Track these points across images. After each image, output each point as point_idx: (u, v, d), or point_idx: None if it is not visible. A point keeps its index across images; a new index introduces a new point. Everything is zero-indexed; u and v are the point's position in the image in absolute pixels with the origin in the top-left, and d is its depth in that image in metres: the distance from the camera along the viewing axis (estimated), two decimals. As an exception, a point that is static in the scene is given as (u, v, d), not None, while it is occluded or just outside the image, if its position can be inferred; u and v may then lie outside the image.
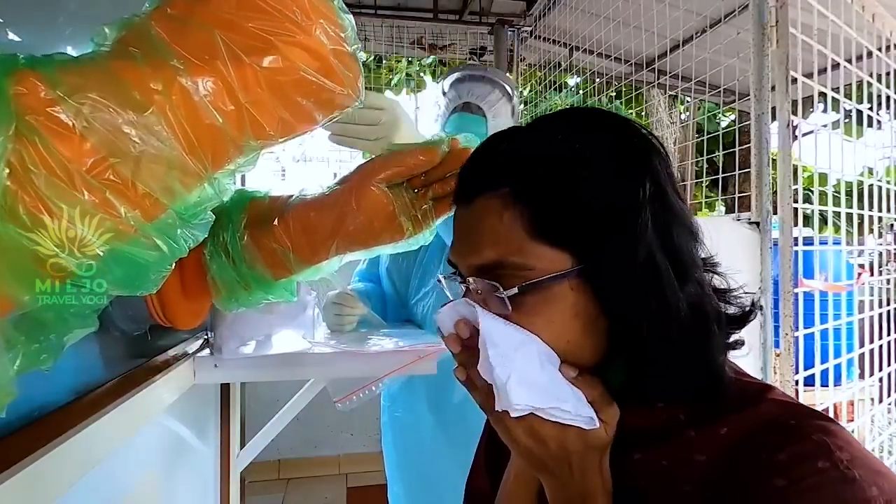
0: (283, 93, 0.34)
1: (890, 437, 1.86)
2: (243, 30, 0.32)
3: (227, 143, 0.32)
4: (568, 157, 0.43)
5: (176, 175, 0.30)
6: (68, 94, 0.27)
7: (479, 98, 1.29)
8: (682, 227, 0.44)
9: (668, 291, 0.42)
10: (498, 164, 0.45)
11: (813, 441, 0.38)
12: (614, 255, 0.42)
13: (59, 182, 0.27)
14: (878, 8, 1.58)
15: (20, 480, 0.46)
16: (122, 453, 0.74)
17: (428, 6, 2.67)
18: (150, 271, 0.32)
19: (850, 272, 1.93)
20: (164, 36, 0.30)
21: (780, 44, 1.19)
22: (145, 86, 0.29)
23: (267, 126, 0.33)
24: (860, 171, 1.64)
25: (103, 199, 0.28)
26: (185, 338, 0.97)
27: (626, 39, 2.06)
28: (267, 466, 2.72)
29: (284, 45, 0.33)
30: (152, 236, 0.31)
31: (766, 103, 1.20)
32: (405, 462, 1.36)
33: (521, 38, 2.70)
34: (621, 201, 0.42)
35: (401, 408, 1.35)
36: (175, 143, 0.30)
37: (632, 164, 0.43)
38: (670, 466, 0.44)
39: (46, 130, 0.27)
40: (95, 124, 0.28)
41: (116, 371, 0.71)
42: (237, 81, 0.31)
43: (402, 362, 1.03)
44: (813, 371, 1.34)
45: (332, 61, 0.37)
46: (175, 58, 0.30)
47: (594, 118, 0.47)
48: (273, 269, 0.62)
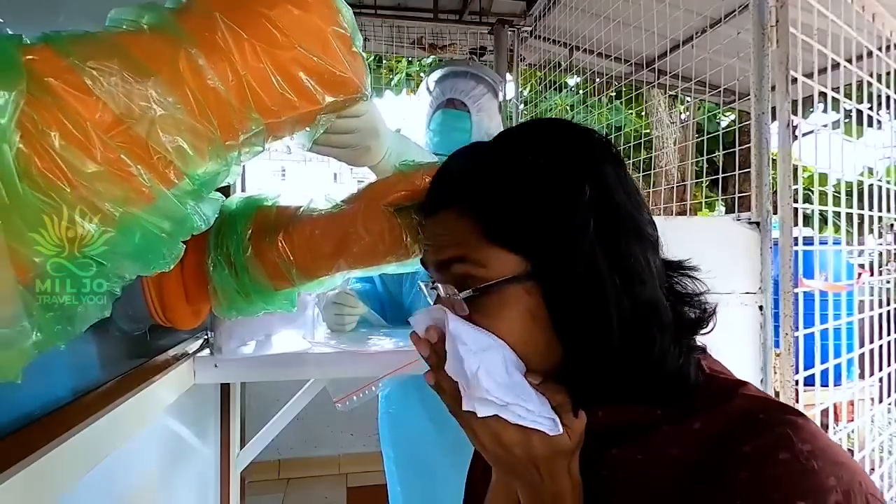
0: (283, 67, 0.35)
1: (890, 437, 1.86)
2: (242, 10, 0.33)
3: (231, 112, 0.33)
4: (515, 166, 0.45)
5: (187, 137, 0.31)
6: (81, 61, 0.28)
7: (462, 93, 1.30)
8: (631, 232, 0.45)
9: (609, 297, 0.43)
10: (455, 179, 0.49)
11: (776, 433, 0.39)
12: (557, 260, 0.43)
13: (75, 143, 0.27)
14: (878, 8, 1.58)
15: (20, 480, 0.46)
16: (122, 453, 0.74)
17: (428, 6, 2.67)
18: (163, 245, 0.32)
19: (850, 272, 1.93)
20: (170, 15, 0.32)
21: (780, 44, 1.19)
22: (152, 54, 0.30)
23: (268, 99, 0.34)
24: (860, 171, 1.64)
25: (118, 160, 0.29)
26: (185, 338, 0.97)
27: (626, 39, 2.06)
28: (267, 466, 2.72)
29: (282, 22, 0.34)
30: (167, 203, 0.31)
31: (766, 103, 1.20)
32: (402, 458, 1.36)
33: (521, 38, 2.70)
34: (562, 206, 0.44)
35: (395, 405, 1.36)
36: (183, 106, 0.30)
37: (575, 170, 0.45)
38: (645, 459, 0.45)
39: (62, 92, 0.27)
40: (109, 87, 0.28)
41: (116, 371, 0.71)
42: (237, 54, 0.32)
43: (402, 362, 1.03)
44: (813, 371, 1.34)
45: (331, 42, 0.38)
46: (181, 33, 0.31)
47: (548, 127, 0.49)
48: (275, 280, 0.62)
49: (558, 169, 0.45)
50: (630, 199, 0.46)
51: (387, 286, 1.41)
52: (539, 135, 0.48)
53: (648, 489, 0.43)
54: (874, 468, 1.67)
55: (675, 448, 0.43)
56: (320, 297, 1.20)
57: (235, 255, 0.60)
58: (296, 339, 1.13)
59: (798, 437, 0.39)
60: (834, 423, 1.44)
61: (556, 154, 0.46)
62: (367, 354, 1.06)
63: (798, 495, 0.36)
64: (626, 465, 0.45)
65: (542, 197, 0.44)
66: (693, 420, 0.44)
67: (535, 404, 0.43)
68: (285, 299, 0.65)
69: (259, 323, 1.03)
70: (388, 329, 1.31)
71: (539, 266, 0.43)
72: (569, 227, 0.43)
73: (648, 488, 0.43)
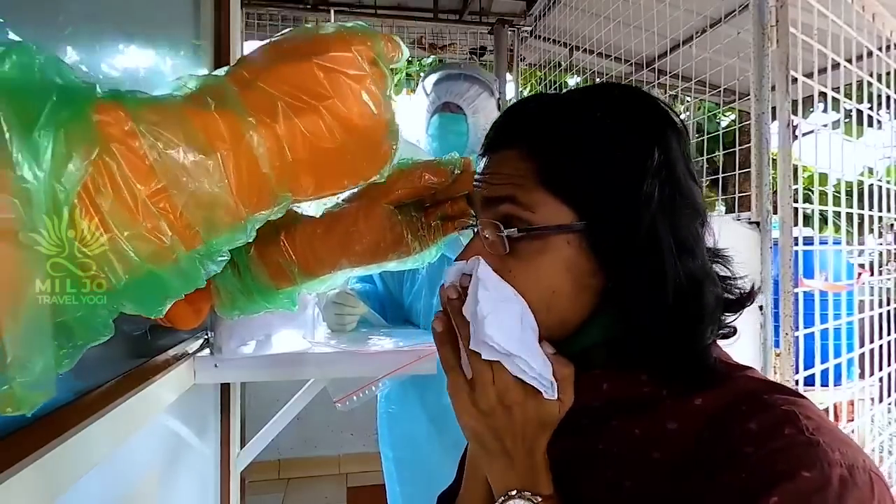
0: (324, 158, 0.38)
1: (890, 437, 1.86)
2: (297, 98, 0.36)
3: (269, 194, 0.35)
4: (581, 118, 0.46)
5: (220, 213, 0.33)
6: (147, 129, 0.30)
7: (456, 96, 1.30)
8: (687, 204, 0.45)
9: (666, 261, 0.43)
10: (523, 120, 0.49)
11: (781, 410, 0.40)
12: (617, 217, 0.43)
13: (123, 207, 0.30)
14: (878, 8, 1.58)
15: (21, 480, 0.46)
16: (122, 453, 0.74)
17: (428, 6, 2.67)
18: (168, 295, 0.34)
19: (850, 272, 1.93)
20: (238, 93, 0.34)
21: (780, 44, 1.19)
22: (217, 133, 0.33)
23: (304, 184, 0.37)
24: (860, 170, 1.64)
25: (156, 226, 0.31)
26: (185, 338, 0.97)
27: (626, 39, 2.06)
28: (267, 466, 2.72)
29: (330, 115, 0.37)
30: (187, 265, 0.33)
31: (766, 103, 1.20)
32: (401, 458, 1.36)
33: (521, 38, 2.70)
34: (628, 165, 0.44)
35: (394, 404, 1.36)
36: (227, 185, 0.33)
37: (644, 132, 0.45)
38: (642, 434, 0.45)
39: (124, 158, 0.30)
40: (165, 159, 0.31)
41: (116, 371, 0.71)
42: (288, 140, 0.35)
43: (402, 362, 1.03)
44: (813, 371, 1.34)
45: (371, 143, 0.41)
46: (246, 113, 0.34)
47: (615, 89, 0.50)
48: (277, 280, 0.62)
49: (627, 130, 0.45)
50: (689, 171, 0.46)
51: (387, 285, 1.41)
52: (609, 95, 0.49)
53: (643, 462, 0.44)
54: (874, 468, 1.66)
55: (673, 422, 0.44)
56: (320, 297, 1.20)
57: (238, 256, 0.60)
58: (296, 339, 1.13)
59: (803, 413, 0.39)
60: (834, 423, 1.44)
61: (625, 115, 0.46)
62: (367, 354, 1.06)
63: (803, 466, 0.36)
64: (623, 438, 0.45)
65: (609, 154, 0.44)
66: (695, 396, 0.44)
67: (538, 364, 0.43)
68: (287, 298, 0.65)
69: (259, 323, 1.03)
70: (388, 329, 1.31)
71: (595, 221, 0.44)
72: (635, 191, 0.43)
73: (643, 461, 0.44)
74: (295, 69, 0.37)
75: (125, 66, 0.73)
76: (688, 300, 0.44)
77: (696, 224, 0.46)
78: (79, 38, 0.62)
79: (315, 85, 0.37)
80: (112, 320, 0.33)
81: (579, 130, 0.45)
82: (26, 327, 0.27)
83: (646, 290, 0.43)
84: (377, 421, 1.41)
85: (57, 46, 0.58)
